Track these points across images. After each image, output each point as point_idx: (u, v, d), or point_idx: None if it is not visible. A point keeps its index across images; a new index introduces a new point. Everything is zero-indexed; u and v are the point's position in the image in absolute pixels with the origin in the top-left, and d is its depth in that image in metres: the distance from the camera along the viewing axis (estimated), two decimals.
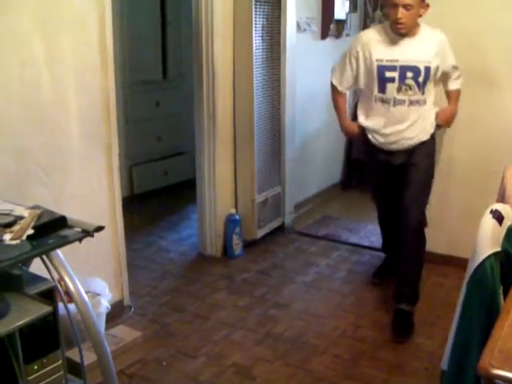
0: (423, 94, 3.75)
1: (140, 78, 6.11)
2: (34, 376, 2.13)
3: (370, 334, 3.71)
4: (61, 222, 2.25)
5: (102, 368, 2.44)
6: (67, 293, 2.32)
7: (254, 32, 4.58)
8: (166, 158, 6.58)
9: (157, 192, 6.39)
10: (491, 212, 2.07)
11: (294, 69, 5.11)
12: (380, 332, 3.73)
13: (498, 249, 1.98)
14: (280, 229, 5.40)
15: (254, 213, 4.96)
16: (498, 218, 2.05)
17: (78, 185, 3.42)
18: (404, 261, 3.93)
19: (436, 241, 4.67)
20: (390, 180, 4.06)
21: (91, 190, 3.52)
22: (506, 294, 1.94)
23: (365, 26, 6.44)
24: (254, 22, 4.56)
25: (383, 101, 3.79)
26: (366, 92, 3.93)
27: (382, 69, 3.72)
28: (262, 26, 4.69)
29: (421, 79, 3.69)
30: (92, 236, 2.26)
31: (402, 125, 3.78)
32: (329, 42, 6.08)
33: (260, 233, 5.10)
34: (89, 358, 2.70)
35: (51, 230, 2.21)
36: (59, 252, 2.27)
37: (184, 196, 6.11)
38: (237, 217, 4.87)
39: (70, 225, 2.28)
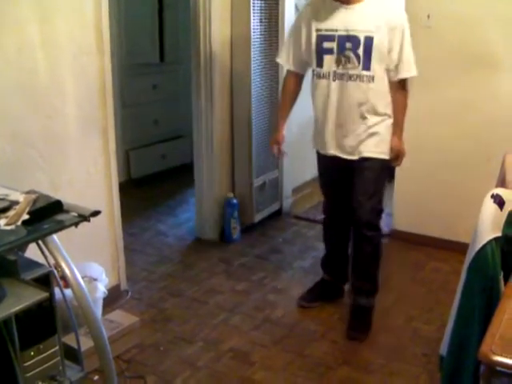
0: (366, 69, 3.31)
1: (137, 61, 6.07)
2: (31, 362, 2.11)
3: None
4: (56, 207, 2.23)
5: (98, 353, 2.43)
6: (63, 278, 2.31)
7: (252, 14, 4.54)
8: (164, 142, 6.55)
9: (154, 176, 6.36)
10: (492, 196, 2.05)
11: None
12: (378, 317, 3.70)
13: (499, 234, 1.97)
14: (278, 213, 5.39)
15: (252, 197, 4.94)
16: (499, 202, 2.03)
17: (74, 169, 3.40)
18: (359, 255, 3.68)
19: (434, 225, 4.69)
20: (339, 176, 3.65)
21: (88, 174, 3.49)
22: (506, 280, 1.93)
23: None
24: (252, 5, 4.52)
25: (321, 76, 3.42)
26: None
27: (320, 39, 3.36)
28: (260, 9, 4.64)
29: (360, 51, 3.28)
30: (88, 221, 2.24)
31: (346, 111, 3.40)
32: None
33: (258, 217, 5.09)
34: (86, 343, 2.68)
35: (47, 215, 2.18)
36: (55, 237, 2.24)
37: (182, 180, 6.08)
38: (235, 201, 4.85)
39: (66, 209, 2.25)
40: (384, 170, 3.57)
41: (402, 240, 4.80)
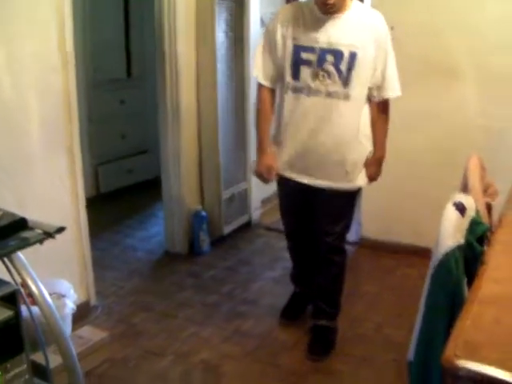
0: (347, 87, 3.08)
1: (104, 77, 6.05)
2: None
3: (338, 327, 3.69)
4: (21, 224, 2.21)
5: (67, 370, 2.41)
6: (30, 295, 2.29)
7: (216, 28, 4.56)
8: (132, 156, 6.53)
9: (123, 190, 6.33)
10: (454, 203, 2.07)
11: None
12: (348, 325, 3.73)
13: (461, 240, 1.99)
14: (247, 224, 5.39)
15: (221, 209, 4.95)
16: (461, 209, 2.05)
17: (40, 186, 3.39)
18: (323, 278, 3.53)
19: (402, 232, 4.73)
20: (303, 202, 3.48)
21: (54, 191, 3.48)
22: (469, 286, 1.95)
23: None
24: (216, 18, 4.55)
25: (296, 90, 3.14)
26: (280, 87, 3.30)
27: (298, 49, 3.09)
28: (225, 22, 4.68)
29: (343, 67, 3.03)
30: (53, 237, 2.23)
31: (318, 131, 3.16)
32: None
33: (227, 229, 5.09)
34: (56, 360, 2.67)
35: (11, 233, 2.17)
36: (20, 254, 2.23)
37: (151, 194, 6.04)
38: (203, 213, 4.84)
39: (31, 226, 2.24)
40: (355, 195, 3.45)
41: (371, 248, 4.84)
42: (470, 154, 2.88)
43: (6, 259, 2.20)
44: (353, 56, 3.03)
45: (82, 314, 3.66)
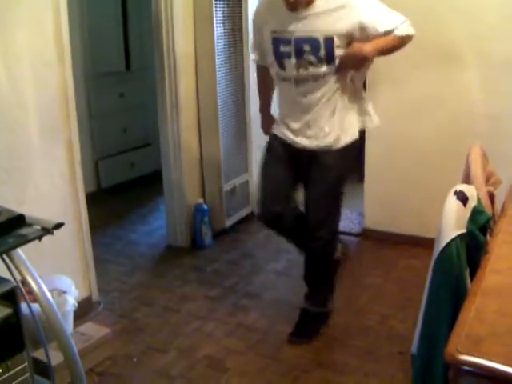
0: (331, 64, 3.06)
1: (103, 70, 6.04)
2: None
3: (342, 320, 3.68)
4: (19, 221, 2.20)
5: (69, 368, 2.40)
6: (31, 292, 2.28)
7: (214, 19, 4.54)
8: (133, 150, 6.52)
9: (125, 185, 6.33)
10: (455, 193, 2.05)
11: None
12: (352, 317, 3.72)
13: (463, 230, 1.97)
14: (250, 217, 5.37)
15: (222, 202, 4.93)
16: (463, 199, 2.03)
17: (39, 182, 3.36)
18: (311, 267, 3.53)
19: (405, 223, 4.70)
20: (292, 168, 3.36)
21: (53, 186, 3.46)
22: (472, 276, 1.93)
23: None
24: (214, 9, 4.52)
25: (285, 79, 3.20)
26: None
27: (276, 42, 3.12)
28: (223, 13, 4.64)
29: (322, 54, 3.03)
30: (52, 233, 2.22)
31: (313, 108, 3.17)
32: None
33: (229, 222, 5.08)
34: (57, 357, 2.66)
35: (9, 229, 2.16)
36: (20, 251, 2.22)
37: (153, 188, 6.03)
38: (205, 206, 4.82)
39: (29, 223, 2.23)
40: (346, 164, 3.32)
41: (374, 239, 4.82)
42: (472, 143, 2.86)
43: (4, 256, 2.19)
44: (329, 41, 3.00)
45: (83, 311, 3.65)
